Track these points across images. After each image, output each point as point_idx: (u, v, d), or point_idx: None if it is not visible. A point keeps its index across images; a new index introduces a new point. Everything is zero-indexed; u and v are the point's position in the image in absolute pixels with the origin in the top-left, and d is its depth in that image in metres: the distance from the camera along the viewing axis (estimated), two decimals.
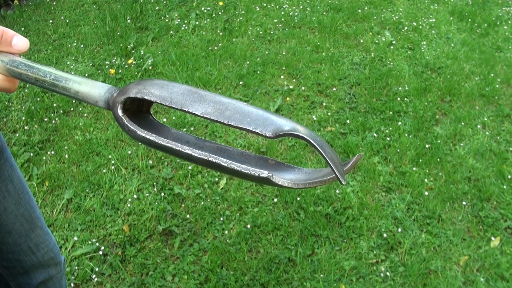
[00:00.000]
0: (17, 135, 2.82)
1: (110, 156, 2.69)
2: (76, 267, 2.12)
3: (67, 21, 4.15)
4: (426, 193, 2.53)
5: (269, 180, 0.61)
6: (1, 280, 1.31)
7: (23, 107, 3.06)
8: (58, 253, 1.32)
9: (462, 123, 3.07)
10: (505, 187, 2.59)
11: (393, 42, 3.95)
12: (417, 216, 2.42)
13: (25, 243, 1.21)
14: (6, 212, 1.14)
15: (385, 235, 2.30)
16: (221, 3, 4.41)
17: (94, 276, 2.09)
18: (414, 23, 4.27)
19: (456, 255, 2.25)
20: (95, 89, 0.70)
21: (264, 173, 0.61)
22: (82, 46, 3.76)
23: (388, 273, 2.14)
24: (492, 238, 2.32)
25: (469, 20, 4.40)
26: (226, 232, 2.30)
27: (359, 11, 4.42)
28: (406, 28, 4.18)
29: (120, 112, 0.67)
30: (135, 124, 0.67)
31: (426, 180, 2.62)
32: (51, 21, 4.16)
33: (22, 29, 3.99)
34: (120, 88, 0.68)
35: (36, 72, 0.73)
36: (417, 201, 2.50)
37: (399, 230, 2.33)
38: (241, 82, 3.36)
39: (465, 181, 2.64)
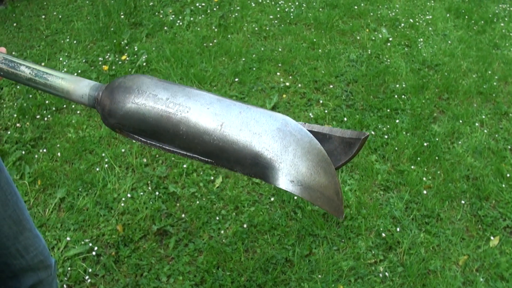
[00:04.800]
0: (9, 132, 2.77)
1: (103, 154, 2.64)
2: (69, 268, 2.08)
3: (60, 16, 4.09)
4: (425, 192, 2.50)
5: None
6: None
7: (15, 104, 3.00)
8: (48, 256, 1.28)
9: (460, 121, 3.03)
10: (504, 185, 2.56)
11: (390, 39, 3.91)
12: (415, 215, 2.39)
13: (13, 246, 1.16)
14: None
15: (383, 234, 2.27)
16: None
17: (87, 277, 2.04)
18: (411, 20, 4.23)
19: (455, 255, 2.21)
20: (79, 87, 0.68)
21: None
22: (75, 42, 3.70)
23: (387, 273, 2.11)
24: (491, 238, 2.29)
25: (466, 17, 4.37)
26: (222, 231, 2.26)
27: (355, 7, 4.38)
28: (402, 24, 4.15)
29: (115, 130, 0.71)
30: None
31: (424, 178, 2.59)
32: (43, 16, 4.09)
33: (14, 24, 3.93)
34: (104, 86, 0.67)
35: (15, 67, 0.69)
36: (416, 200, 2.47)
37: (398, 229, 2.30)
38: (236, 79, 3.31)
39: (464, 179, 2.61)
